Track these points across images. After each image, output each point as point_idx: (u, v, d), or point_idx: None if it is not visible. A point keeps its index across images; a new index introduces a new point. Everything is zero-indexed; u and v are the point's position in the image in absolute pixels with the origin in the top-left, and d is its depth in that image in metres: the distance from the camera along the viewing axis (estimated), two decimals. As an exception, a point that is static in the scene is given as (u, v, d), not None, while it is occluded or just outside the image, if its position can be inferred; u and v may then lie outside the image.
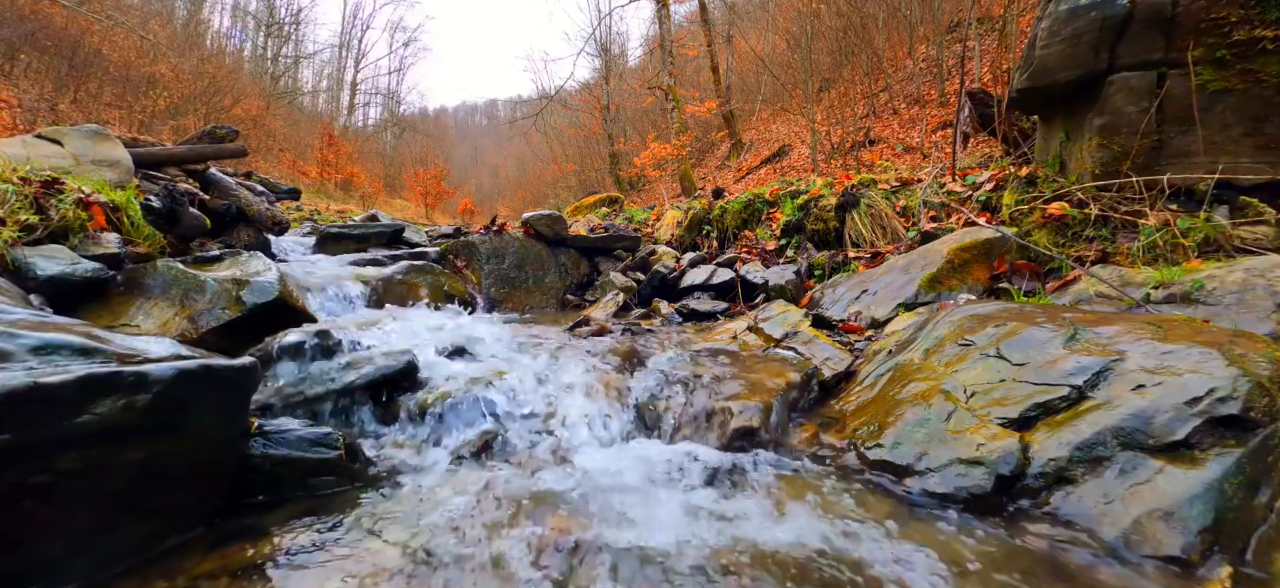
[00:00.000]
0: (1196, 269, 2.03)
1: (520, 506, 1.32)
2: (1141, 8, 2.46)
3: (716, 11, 16.46)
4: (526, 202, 25.00)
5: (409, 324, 2.38)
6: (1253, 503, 1.10)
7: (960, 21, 11.00)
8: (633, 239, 4.65)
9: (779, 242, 4.18)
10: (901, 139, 9.71)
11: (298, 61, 29.96)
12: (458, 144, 45.51)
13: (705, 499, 1.35)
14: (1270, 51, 2.30)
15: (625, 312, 3.43)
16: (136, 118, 14.49)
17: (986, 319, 1.81)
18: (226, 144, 4.55)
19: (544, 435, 1.72)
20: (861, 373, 2.01)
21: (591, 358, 2.13)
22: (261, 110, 21.53)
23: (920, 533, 1.20)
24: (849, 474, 1.48)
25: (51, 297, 1.83)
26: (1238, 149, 2.38)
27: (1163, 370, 1.32)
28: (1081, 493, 1.20)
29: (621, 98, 20.76)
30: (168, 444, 1.12)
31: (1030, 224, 2.74)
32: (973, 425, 1.41)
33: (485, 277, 3.76)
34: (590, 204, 9.73)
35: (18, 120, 10.42)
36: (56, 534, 1.00)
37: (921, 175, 4.35)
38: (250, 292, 2.08)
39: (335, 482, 1.40)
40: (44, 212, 2.13)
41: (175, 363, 1.14)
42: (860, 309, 2.62)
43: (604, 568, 1.09)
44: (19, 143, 2.86)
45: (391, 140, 32.54)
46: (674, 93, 14.23)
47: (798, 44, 11.96)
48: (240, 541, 1.18)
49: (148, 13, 18.65)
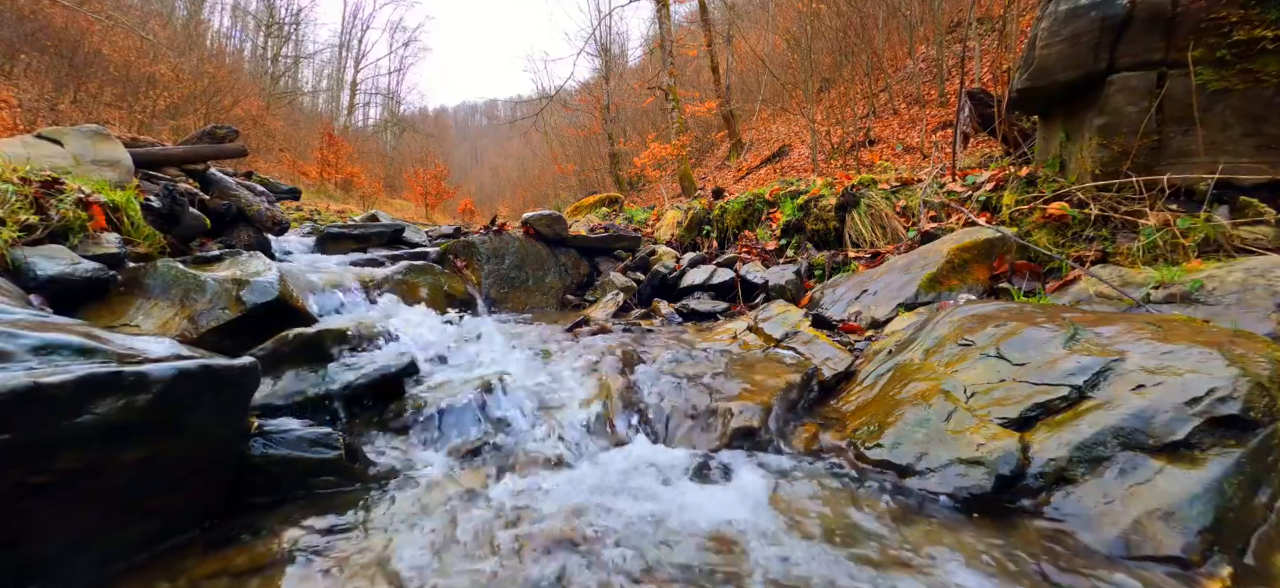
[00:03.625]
0: (1196, 269, 2.03)
1: (520, 506, 1.32)
2: (1141, 8, 2.46)
3: (716, 11, 16.46)
4: (526, 202, 25.00)
5: (409, 324, 2.38)
6: (1253, 503, 1.10)
7: (960, 21, 11.00)
8: (633, 239, 4.64)
9: (779, 242, 4.18)
10: (901, 139, 9.71)
11: (298, 61, 29.97)
12: (458, 144, 45.51)
13: (705, 499, 1.35)
14: (1270, 51, 2.30)
15: (625, 312, 3.43)
16: (136, 118, 14.49)
17: (986, 319, 1.81)
18: (226, 144, 4.55)
19: (544, 436, 1.71)
20: (861, 373, 2.01)
21: (591, 358, 2.13)
22: (261, 110, 21.54)
23: (920, 533, 1.20)
24: (849, 474, 1.48)
25: (52, 297, 1.83)
26: (1238, 149, 2.38)
27: (1163, 370, 1.32)
28: (1081, 493, 1.20)
29: (621, 98, 20.77)
30: (168, 444, 1.12)
31: (1030, 224, 2.74)
32: (973, 426, 1.41)
33: (485, 277, 3.76)
34: (590, 204, 9.72)
35: (18, 120, 10.42)
36: (56, 534, 1.00)
37: (921, 175, 4.34)
38: (250, 292, 2.08)
39: (335, 482, 1.40)
40: (44, 212, 2.13)
41: (175, 363, 1.14)
42: (860, 309, 2.62)
43: (603, 568, 1.09)
44: (19, 143, 2.86)
45: (391, 140, 32.54)
46: (674, 93, 14.23)
47: (798, 44, 11.96)
48: (240, 541, 1.18)
49: (148, 13, 18.65)
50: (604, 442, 1.71)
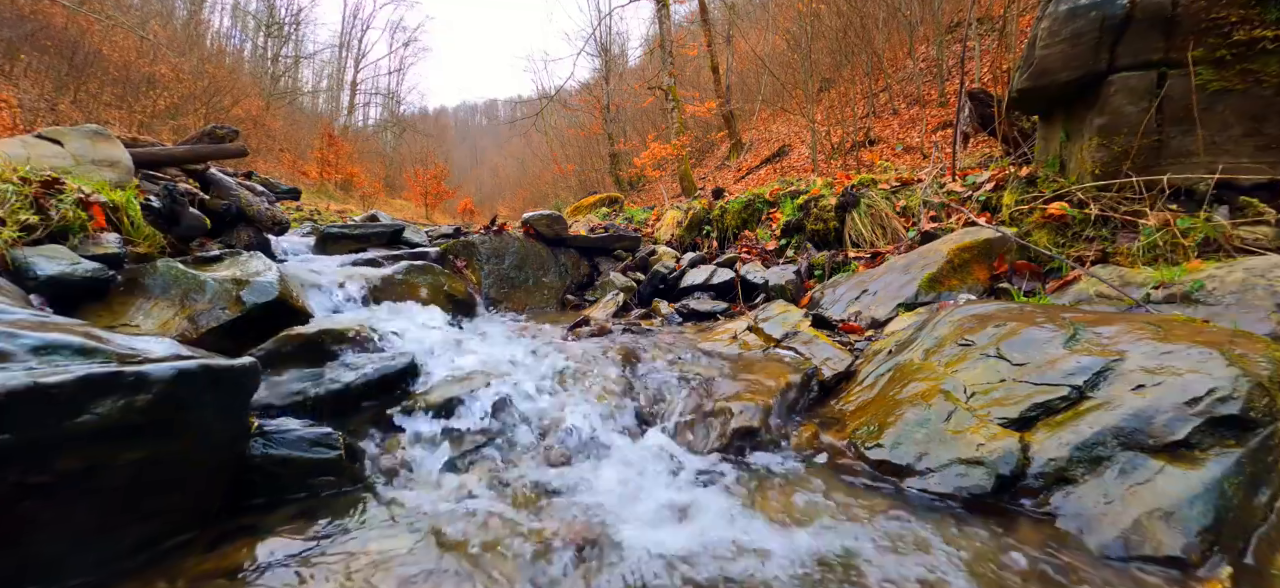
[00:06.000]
0: (1196, 269, 2.03)
1: (519, 506, 1.32)
2: (1141, 8, 2.46)
3: (716, 11, 16.46)
4: (526, 202, 24.99)
5: (409, 324, 2.38)
6: (1253, 503, 1.10)
7: (960, 21, 11.00)
8: (633, 239, 4.64)
9: (779, 242, 4.18)
10: (901, 139, 9.71)
11: (298, 61, 29.96)
12: (458, 144, 45.50)
13: (705, 499, 1.35)
14: (1270, 51, 2.30)
15: (625, 312, 3.43)
16: (136, 118, 14.50)
17: (986, 319, 1.81)
18: (226, 144, 4.55)
19: (543, 436, 1.71)
20: (861, 373, 2.01)
21: (591, 358, 2.13)
22: (261, 110, 21.53)
23: (920, 533, 1.20)
24: (849, 474, 1.48)
25: (51, 297, 1.83)
26: (1238, 149, 2.38)
27: (1163, 370, 1.32)
28: (1081, 493, 1.20)
29: (621, 98, 20.76)
30: (167, 444, 1.12)
31: (1030, 224, 2.74)
32: (973, 426, 1.41)
33: (485, 277, 3.76)
34: (590, 204, 9.73)
35: (18, 120, 10.41)
36: (56, 534, 1.00)
37: (921, 175, 4.34)
38: (250, 292, 2.07)
39: (335, 482, 1.40)
40: (44, 212, 2.13)
41: (175, 363, 1.14)
42: (860, 309, 2.62)
43: (603, 568, 1.09)
44: (19, 143, 2.85)
45: (391, 140, 32.53)
46: (674, 93, 14.23)
47: (798, 44, 11.96)
48: (240, 541, 1.18)
49: (148, 13, 18.65)
50: (604, 442, 1.71)
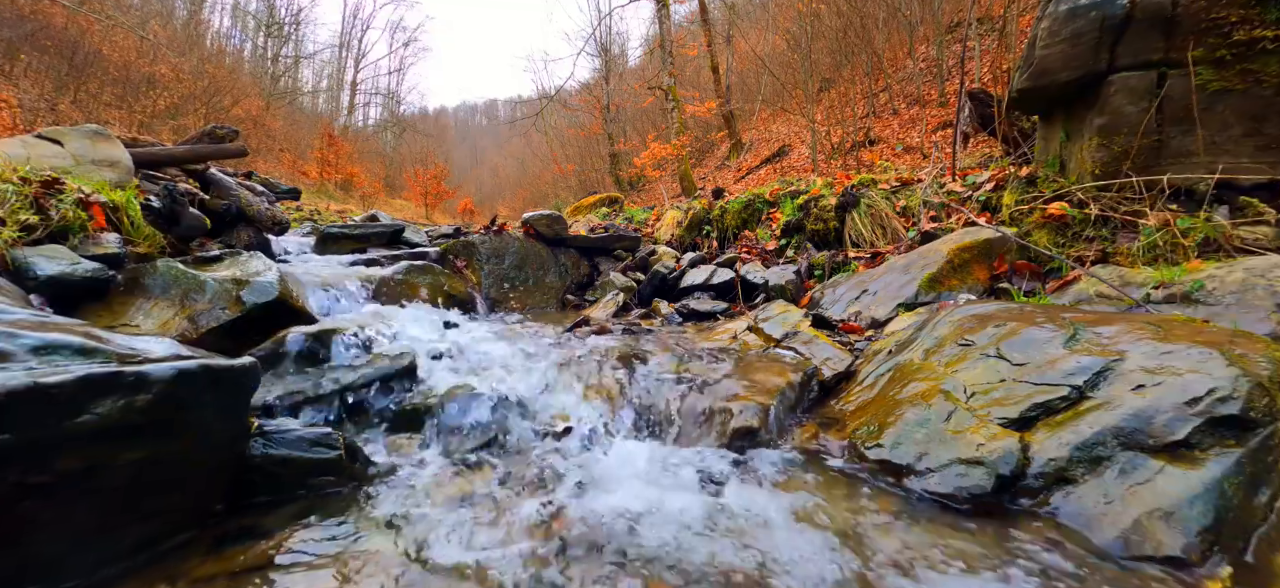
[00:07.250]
0: (1196, 269, 2.03)
1: (519, 506, 1.32)
2: (1141, 8, 2.46)
3: (716, 11, 16.46)
4: (526, 202, 24.99)
5: (409, 324, 2.38)
6: (1253, 503, 1.10)
7: (960, 21, 11.00)
8: (633, 239, 4.64)
9: (779, 242, 4.18)
10: (901, 139, 9.71)
11: (298, 61, 29.96)
12: (458, 144, 45.50)
13: (704, 499, 1.35)
14: (1270, 51, 2.30)
15: (625, 312, 3.43)
16: (136, 118, 14.50)
17: (986, 319, 1.81)
18: (226, 144, 4.55)
19: (543, 436, 1.72)
20: (861, 373, 2.01)
21: (591, 358, 2.13)
22: (261, 110, 21.54)
23: (920, 533, 1.20)
24: (849, 474, 1.48)
25: (51, 297, 1.83)
26: (1238, 149, 2.38)
27: (1163, 370, 1.32)
28: (1082, 493, 1.20)
29: (621, 98, 20.77)
30: (167, 444, 1.12)
31: (1030, 224, 2.74)
32: (973, 425, 1.41)
33: (485, 277, 3.76)
34: (590, 204, 9.73)
35: (18, 120, 10.41)
36: (56, 534, 1.00)
37: (921, 175, 4.34)
38: (250, 292, 2.08)
39: (335, 482, 1.40)
40: (44, 212, 2.13)
41: (175, 363, 1.14)
42: (860, 309, 2.62)
43: (602, 568, 1.09)
44: (19, 143, 2.85)
45: (391, 140, 32.53)
46: (674, 93, 14.23)
47: (798, 44, 11.96)
48: (240, 541, 1.18)
49: (148, 13, 18.65)
50: (604, 442, 1.71)
